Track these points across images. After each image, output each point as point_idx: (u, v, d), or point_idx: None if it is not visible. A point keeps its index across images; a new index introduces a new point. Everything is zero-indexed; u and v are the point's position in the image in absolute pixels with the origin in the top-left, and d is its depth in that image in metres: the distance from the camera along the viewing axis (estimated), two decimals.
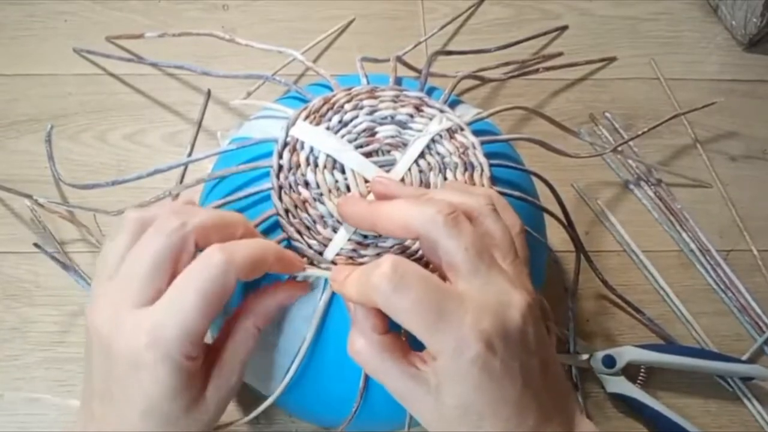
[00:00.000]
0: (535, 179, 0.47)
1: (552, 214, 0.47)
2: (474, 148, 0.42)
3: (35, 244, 0.53)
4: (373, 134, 0.42)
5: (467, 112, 0.46)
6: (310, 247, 0.38)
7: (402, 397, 0.33)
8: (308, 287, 0.38)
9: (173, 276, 0.33)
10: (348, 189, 0.40)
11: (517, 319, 0.31)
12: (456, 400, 0.31)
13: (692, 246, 0.58)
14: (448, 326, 0.30)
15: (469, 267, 0.32)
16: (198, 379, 0.34)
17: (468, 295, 0.31)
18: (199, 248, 0.34)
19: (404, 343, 0.34)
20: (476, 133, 0.43)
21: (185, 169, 0.56)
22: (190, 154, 0.58)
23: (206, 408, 0.34)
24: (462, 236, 0.32)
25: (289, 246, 0.38)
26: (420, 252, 0.39)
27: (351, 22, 0.66)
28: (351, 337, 0.34)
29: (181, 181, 0.56)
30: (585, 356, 0.52)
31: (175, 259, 0.33)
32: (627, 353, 0.51)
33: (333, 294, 0.38)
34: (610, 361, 0.51)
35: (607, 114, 0.63)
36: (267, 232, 0.39)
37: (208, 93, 0.61)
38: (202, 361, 0.34)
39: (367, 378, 0.39)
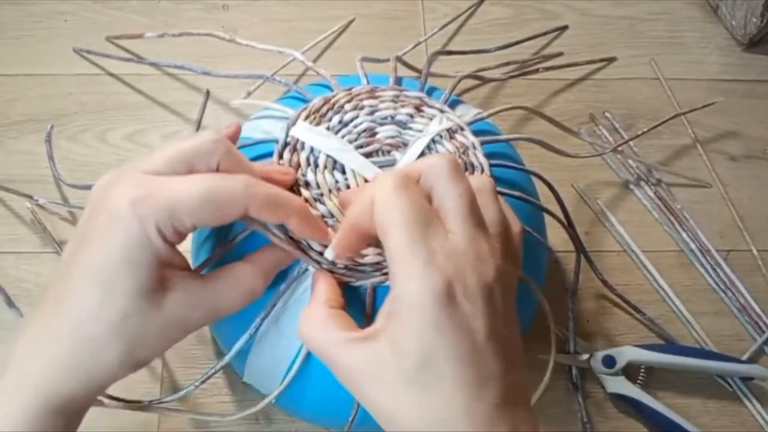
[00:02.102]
0: (535, 179, 0.47)
1: (552, 214, 0.47)
2: (474, 148, 0.42)
3: None
4: (374, 134, 0.42)
5: (467, 112, 0.46)
6: (310, 247, 0.38)
7: (351, 369, 0.31)
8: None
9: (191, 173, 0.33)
10: (348, 189, 0.40)
11: (490, 278, 0.31)
12: (416, 344, 0.29)
13: (692, 246, 0.58)
14: (425, 246, 0.30)
15: (460, 213, 0.31)
16: (163, 270, 0.33)
17: (452, 235, 0.31)
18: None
19: (352, 320, 0.33)
20: (476, 133, 0.43)
21: None
22: None
23: (158, 307, 0.32)
24: (461, 184, 0.32)
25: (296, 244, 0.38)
26: None
27: (351, 22, 0.66)
28: (302, 315, 0.34)
29: None
30: (585, 356, 0.52)
31: (199, 162, 0.33)
32: (627, 353, 0.51)
33: None
34: (610, 361, 0.51)
35: (607, 114, 0.63)
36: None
37: (207, 93, 0.61)
38: (177, 259, 0.34)
39: None
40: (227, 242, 0.39)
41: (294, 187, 0.40)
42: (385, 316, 0.31)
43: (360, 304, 0.38)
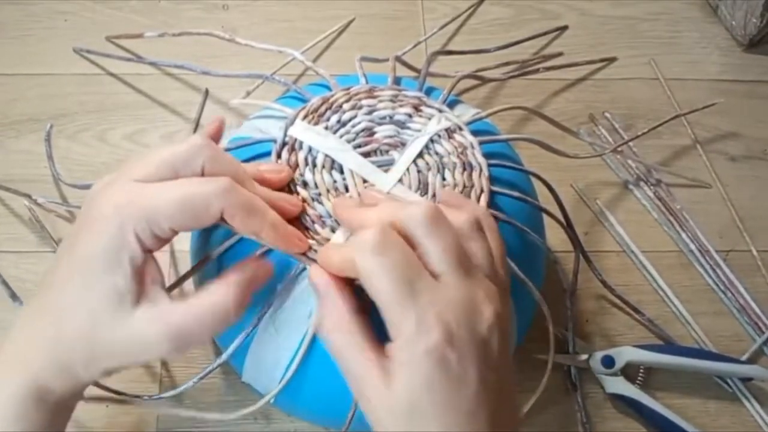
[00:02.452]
0: (534, 179, 0.47)
1: (551, 215, 0.47)
2: (473, 148, 0.42)
3: None
4: (372, 134, 0.42)
5: (466, 112, 0.46)
6: (309, 246, 0.38)
7: (356, 380, 0.32)
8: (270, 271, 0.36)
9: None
10: (346, 189, 0.40)
11: (483, 327, 0.31)
12: (406, 394, 0.30)
13: (692, 246, 0.57)
14: (414, 304, 0.30)
15: (446, 266, 0.32)
16: (139, 279, 0.33)
17: (442, 287, 0.31)
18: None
19: (371, 329, 0.33)
20: (475, 133, 0.43)
21: None
22: None
23: (126, 316, 0.33)
24: (444, 236, 0.32)
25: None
26: None
27: (351, 21, 0.66)
28: (321, 311, 0.33)
29: None
30: (584, 356, 0.51)
31: (184, 167, 0.34)
32: (626, 353, 0.51)
33: None
34: (609, 362, 0.51)
35: (607, 114, 0.63)
36: None
37: (206, 92, 0.61)
38: (154, 271, 0.34)
39: None
40: (206, 255, 0.39)
41: (291, 186, 0.40)
42: (391, 354, 0.31)
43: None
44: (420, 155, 0.41)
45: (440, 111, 0.44)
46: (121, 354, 0.33)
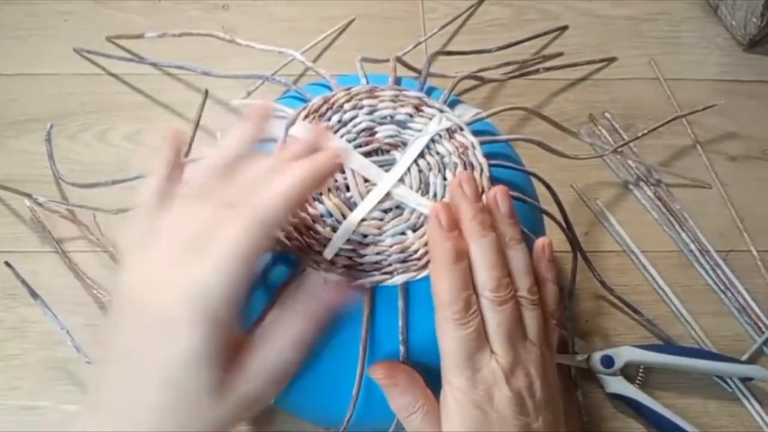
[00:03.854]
0: (534, 179, 0.47)
1: (550, 215, 0.47)
2: (473, 148, 0.42)
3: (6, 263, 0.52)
4: (373, 134, 0.42)
5: (467, 112, 0.46)
6: (309, 246, 0.38)
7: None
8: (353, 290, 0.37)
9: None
10: (347, 188, 0.40)
11: (522, 387, 0.37)
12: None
13: (692, 246, 0.57)
14: (471, 369, 0.36)
15: (500, 341, 0.37)
16: (226, 357, 0.32)
17: (493, 361, 0.37)
18: None
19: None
20: (476, 133, 0.43)
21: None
22: (187, 154, 0.58)
23: (226, 396, 0.32)
24: (502, 313, 0.37)
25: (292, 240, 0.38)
26: (419, 252, 0.39)
27: (351, 21, 0.66)
28: (395, 400, 0.38)
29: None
30: (583, 356, 0.52)
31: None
32: (625, 353, 0.51)
33: None
34: (608, 362, 0.51)
35: (607, 114, 0.63)
36: None
37: (206, 93, 0.61)
38: (234, 338, 0.32)
39: (361, 381, 0.39)
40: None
41: None
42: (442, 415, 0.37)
43: (358, 303, 0.38)
44: (421, 155, 0.41)
45: (441, 111, 0.44)
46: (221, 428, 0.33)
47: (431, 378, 0.40)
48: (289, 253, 0.38)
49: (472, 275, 0.37)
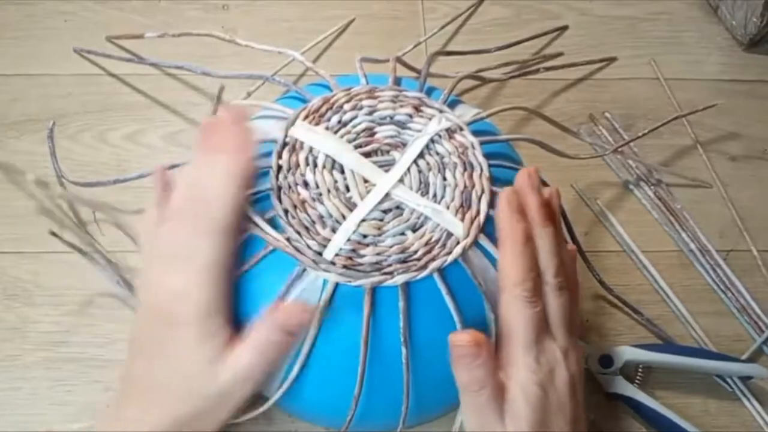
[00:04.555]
0: None
1: None
2: (473, 148, 0.42)
3: (52, 232, 0.53)
4: (373, 134, 0.42)
5: (466, 112, 0.46)
6: (309, 247, 0.38)
7: (486, 428, 0.38)
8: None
9: None
10: (347, 189, 0.40)
11: (575, 374, 0.40)
12: (527, 422, 0.37)
13: (692, 246, 0.57)
14: (536, 350, 0.38)
15: (558, 327, 0.40)
16: (221, 341, 0.37)
17: (554, 344, 0.39)
18: None
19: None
20: (476, 133, 0.43)
21: None
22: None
23: (224, 367, 0.37)
24: (564, 305, 0.40)
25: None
26: (419, 252, 0.39)
27: (351, 21, 0.66)
28: (470, 373, 0.38)
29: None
30: (583, 356, 0.51)
31: None
32: (625, 353, 0.51)
33: (332, 295, 0.38)
34: (607, 361, 0.51)
35: (607, 114, 0.63)
36: None
37: (220, 91, 0.60)
38: (227, 325, 0.38)
39: (362, 382, 0.39)
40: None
41: (293, 188, 0.40)
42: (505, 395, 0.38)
43: (359, 304, 0.38)
44: (421, 155, 0.41)
45: (441, 111, 0.44)
46: (224, 404, 0.38)
47: (433, 378, 0.40)
48: (289, 254, 0.38)
49: None
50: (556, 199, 0.42)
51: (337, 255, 0.38)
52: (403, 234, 0.39)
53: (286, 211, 0.39)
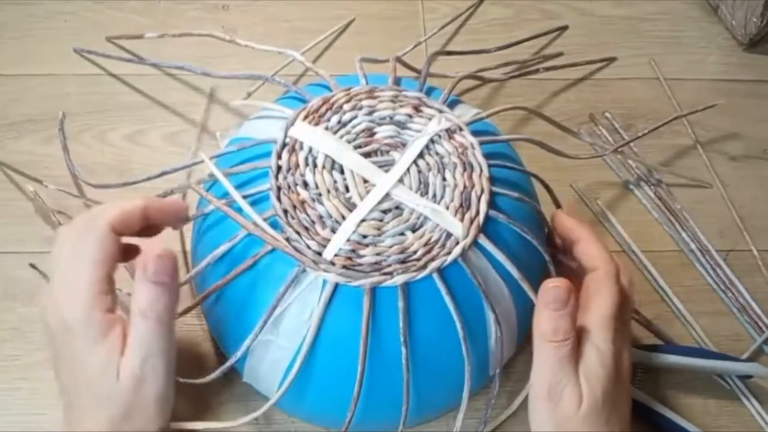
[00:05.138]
0: (533, 180, 0.47)
1: (546, 220, 0.47)
2: (473, 148, 0.42)
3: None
4: (372, 134, 0.42)
5: (466, 113, 0.46)
6: (308, 247, 0.38)
7: (558, 389, 0.38)
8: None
9: None
10: (347, 189, 0.40)
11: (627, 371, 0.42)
12: (602, 391, 0.38)
13: (692, 246, 0.57)
14: (613, 328, 0.40)
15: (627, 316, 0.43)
16: (114, 335, 0.37)
17: (624, 328, 0.42)
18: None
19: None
20: (475, 133, 0.43)
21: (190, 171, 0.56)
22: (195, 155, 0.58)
23: (123, 369, 0.37)
24: (630, 299, 0.43)
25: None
26: (418, 252, 0.39)
27: (351, 22, 0.66)
28: (553, 321, 0.38)
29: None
30: None
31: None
32: None
33: (332, 295, 0.38)
34: None
35: (607, 114, 0.63)
36: None
37: (211, 93, 0.61)
38: (117, 319, 0.37)
39: (362, 382, 0.39)
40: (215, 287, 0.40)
41: (292, 187, 0.40)
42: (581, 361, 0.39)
43: (358, 304, 0.38)
44: (420, 155, 0.41)
45: (440, 111, 0.44)
46: (145, 396, 0.37)
47: (433, 378, 0.40)
48: (289, 254, 0.38)
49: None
50: None
51: (336, 255, 0.38)
52: (402, 234, 0.39)
53: (285, 212, 0.39)
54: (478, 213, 0.40)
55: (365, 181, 0.40)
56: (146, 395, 0.37)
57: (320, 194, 0.40)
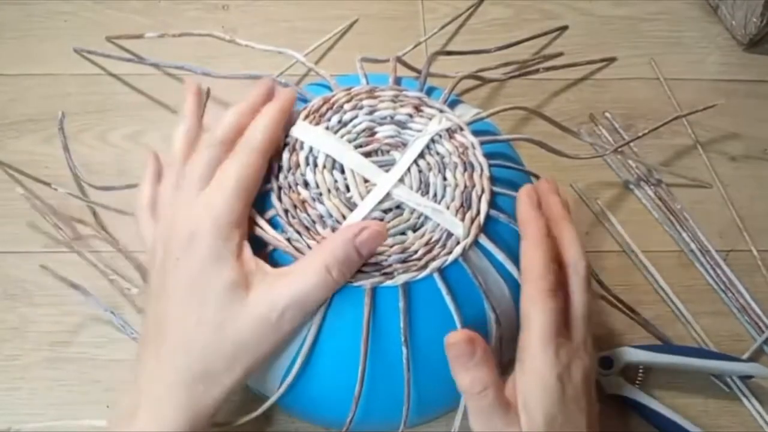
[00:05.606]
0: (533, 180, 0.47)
1: None
2: (473, 148, 0.42)
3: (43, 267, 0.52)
4: (373, 134, 0.42)
5: (467, 112, 0.46)
6: (309, 247, 0.38)
7: (496, 429, 0.37)
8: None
9: None
10: (347, 189, 0.40)
11: (589, 369, 0.40)
12: (543, 415, 0.37)
13: (692, 246, 0.57)
14: (555, 345, 0.38)
15: (578, 326, 0.40)
16: (239, 256, 0.37)
17: (573, 343, 0.39)
18: None
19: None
20: (476, 133, 0.43)
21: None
22: None
23: (246, 293, 0.36)
24: (585, 304, 0.40)
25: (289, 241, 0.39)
26: (419, 252, 0.39)
27: (354, 22, 0.66)
28: (468, 374, 0.37)
29: None
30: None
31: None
32: (624, 354, 0.51)
33: (332, 296, 0.38)
34: (607, 363, 0.51)
35: (607, 114, 0.63)
36: None
37: (208, 92, 0.61)
38: (247, 248, 0.37)
39: (363, 382, 0.39)
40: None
41: (293, 187, 0.40)
42: (518, 389, 0.38)
43: (359, 304, 0.38)
44: (421, 155, 0.41)
45: (441, 111, 0.44)
46: (253, 343, 0.36)
47: (434, 377, 0.40)
48: (290, 254, 0.38)
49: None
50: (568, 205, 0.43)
51: None
52: (403, 234, 0.39)
53: (286, 211, 0.39)
54: (478, 213, 0.40)
55: (366, 181, 0.40)
56: (265, 337, 0.37)
57: (321, 194, 0.40)
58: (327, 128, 0.42)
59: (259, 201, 0.40)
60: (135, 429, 0.36)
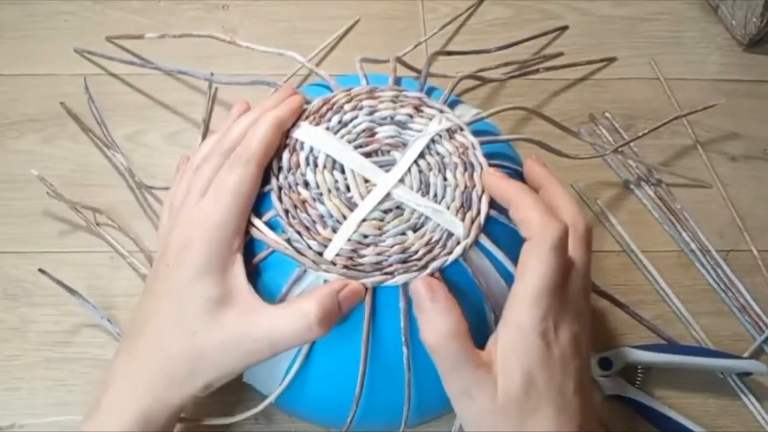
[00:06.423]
0: None
1: None
2: (473, 148, 0.42)
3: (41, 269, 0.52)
4: (373, 134, 0.42)
5: (467, 112, 0.46)
6: (309, 247, 0.38)
7: (467, 386, 0.35)
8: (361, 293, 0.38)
9: None
10: (348, 189, 0.40)
11: (582, 341, 0.38)
12: (521, 373, 0.35)
13: (692, 246, 0.57)
14: (549, 306, 0.36)
15: (576, 287, 0.38)
16: (225, 269, 0.37)
17: (570, 304, 0.37)
18: None
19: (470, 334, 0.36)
20: (476, 133, 0.43)
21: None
22: None
23: (219, 322, 0.37)
24: (584, 263, 0.39)
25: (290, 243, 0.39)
26: (419, 252, 0.39)
27: (356, 23, 0.66)
28: (429, 323, 0.36)
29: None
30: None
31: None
32: (623, 355, 0.51)
33: None
34: (606, 364, 0.51)
35: (607, 114, 0.63)
36: None
37: (210, 88, 0.61)
38: (238, 268, 0.38)
39: (363, 382, 0.39)
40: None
41: (293, 188, 0.40)
42: (498, 344, 0.36)
43: (360, 304, 0.38)
44: (421, 155, 0.41)
45: (441, 111, 0.44)
46: (219, 360, 0.37)
47: (434, 378, 0.40)
48: (290, 256, 0.38)
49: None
50: None
51: (337, 255, 0.38)
52: (403, 234, 0.39)
53: (286, 212, 0.39)
54: (479, 213, 0.40)
55: (366, 181, 0.40)
56: (231, 352, 0.37)
57: (321, 194, 0.40)
58: (327, 128, 0.42)
59: (258, 202, 0.40)
60: (95, 421, 0.38)
